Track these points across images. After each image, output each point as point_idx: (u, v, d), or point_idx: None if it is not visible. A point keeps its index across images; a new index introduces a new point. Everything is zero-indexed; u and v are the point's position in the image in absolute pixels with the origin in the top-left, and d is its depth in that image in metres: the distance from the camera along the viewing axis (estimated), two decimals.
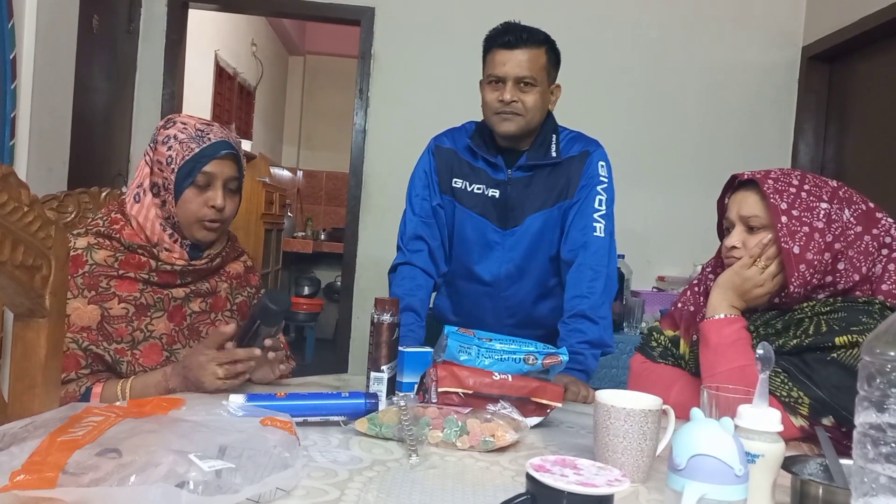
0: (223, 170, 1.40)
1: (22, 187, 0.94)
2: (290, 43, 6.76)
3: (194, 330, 1.44)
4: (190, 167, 1.37)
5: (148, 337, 1.37)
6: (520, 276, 1.83)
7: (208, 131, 1.40)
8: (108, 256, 1.36)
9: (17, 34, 2.34)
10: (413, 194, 1.87)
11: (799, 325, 1.24)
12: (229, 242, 1.53)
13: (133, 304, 1.36)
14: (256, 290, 1.59)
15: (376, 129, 3.54)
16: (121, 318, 1.35)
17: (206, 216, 1.40)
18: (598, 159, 1.79)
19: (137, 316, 1.36)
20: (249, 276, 1.59)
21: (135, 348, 1.35)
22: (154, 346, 1.37)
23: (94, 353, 1.32)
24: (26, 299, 0.98)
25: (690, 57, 3.56)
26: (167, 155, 1.38)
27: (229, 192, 1.43)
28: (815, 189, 1.26)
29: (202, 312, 1.45)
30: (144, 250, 1.38)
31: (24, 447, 0.76)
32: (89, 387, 1.30)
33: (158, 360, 1.37)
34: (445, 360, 1.24)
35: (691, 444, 0.71)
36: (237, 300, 1.53)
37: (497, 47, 1.71)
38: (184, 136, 1.38)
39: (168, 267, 1.39)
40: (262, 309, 1.30)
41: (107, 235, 1.38)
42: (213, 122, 1.45)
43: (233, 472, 0.76)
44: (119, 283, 1.36)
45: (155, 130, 1.43)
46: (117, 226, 1.39)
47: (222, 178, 1.41)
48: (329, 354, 4.11)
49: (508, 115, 1.71)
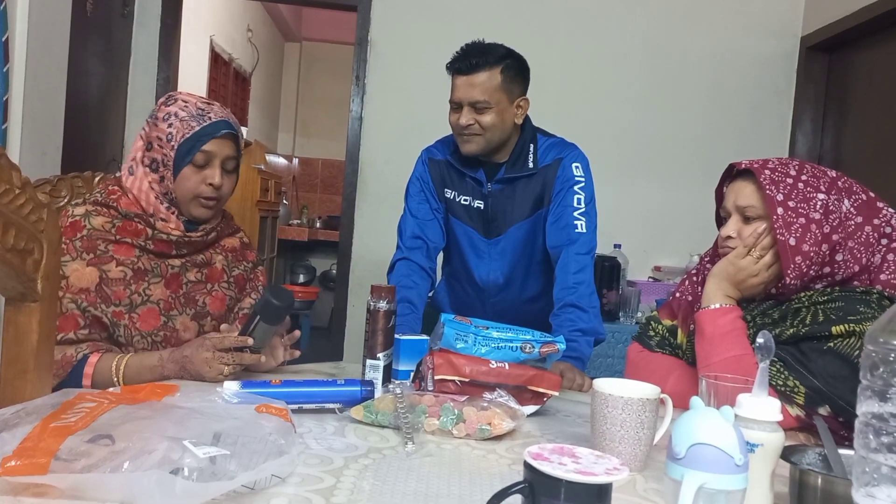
0: (222, 149, 1.42)
1: (13, 169, 0.92)
2: (286, 29, 6.72)
3: (190, 299, 1.45)
4: (190, 145, 1.39)
5: (146, 301, 1.39)
6: (507, 283, 1.91)
7: (209, 110, 1.42)
8: (106, 222, 1.39)
9: (10, 17, 2.31)
10: (410, 199, 1.94)
11: (796, 314, 1.24)
12: (224, 219, 1.55)
13: (131, 269, 1.38)
14: (254, 266, 1.60)
15: (373, 116, 3.51)
16: (119, 280, 1.36)
17: (203, 193, 1.42)
18: (570, 162, 1.83)
19: (135, 280, 1.38)
20: (246, 251, 1.60)
21: (133, 311, 1.37)
22: (152, 311, 1.39)
23: (93, 316, 1.33)
24: (18, 283, 0.97)
25: (689, 46, 3.54)
26: (167, 132, 1.39)
27: (227, 172, 1.45)
28: (813, 180, 1.25)
29: (198, 283, 1.48)
30: (140, 219, 1.40)
31: (16, 433, 0.75)
32: (87, 354, 1.30)
33: (156, 325, 1.39)
34: (442, 347, 1.24)
35: (691, 432, 0.71)
36: (234, 273, 1.55)
37: (454, 72, 1.78)
38: (185, 114, 1.40)
39: (164, 236, 1.41)
40: (264, 305, 1.29)
41: (104, 204, 1.41)
42: (213, 101, 1.47)
43: (227, 458, 0.75)
44: (117, 248, 1.38)
45: (155, 106, 1.45)
46: (114, 196, 1.42)
47: (221, 157, 1.42)
48: (324, 343, 4.11)
49: (467, 136, 1.78)
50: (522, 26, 3.41)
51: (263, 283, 1.62)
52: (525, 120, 1.84)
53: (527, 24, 3.43)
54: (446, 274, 2.06)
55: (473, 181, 1.86)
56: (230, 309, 1.53)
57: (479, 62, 1.73)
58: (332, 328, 3.71)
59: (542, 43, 3.40)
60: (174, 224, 1.43)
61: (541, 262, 1.88)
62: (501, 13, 3.43)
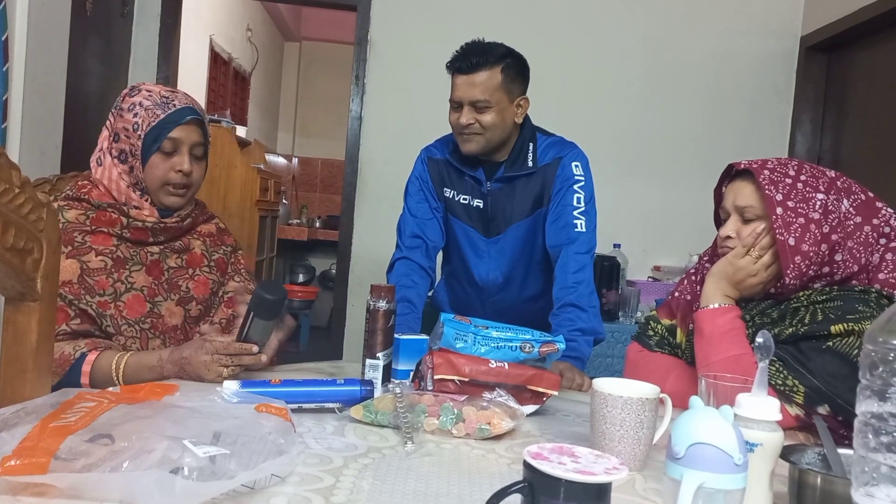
0: (189, 135, 1.43)
1: (13, 168, 0.92)
2: (285, 28, 6.71)
3: (174, 284, 1.46)
4: (156, 133, 1.40)
5: (129, 288, 1.39)
6: (507, 282, 1.91)
7: (173, 98, 1.43)
8: (80, 215, 1.39)
9: (10, 16, 2.31)
10: (409, 198, 1.94)
11: (795, 314, 1.24)
12: (198, 206, 1.56)
13: (110, 258, 1.39)
14: (233, 250, 1.61)
15: (372, 116, 3.51)
16: (100, 270, 1.37)
17: (172, 181, 1.43)
18: (570, 161, 1.83)
19: (116, 268, 1.38)
20: (223, 235, 1.62)
21: (118, 300, 1.37)
22: (137, 298, 1.39)
23: (79, 309, 1.33)
24: (17, 282, 0.97)
25: (688, 46, 3.54)
26: (133, 122, 1.40)
27: (196, 158, 1.46)
28: (812, 180, 1.25)
29: (179, 268, 1.48)
30: (114, 208, 1.41)
31: (16, 433, 0.75)
32: (85, 352, 1.29)
33: (142, 312, 1.39)
34: (442, 347, 1.24)
35: (691, 432, 0.71)
36: (214, 257, 1.56)
37: (454, 72, 1.78)
38: (149, 103, 1.41)
39: (139, 224, 1.42)
40: (256, 300, 1.29)
41: (75, 198, 1.42)
42: (177, 90, 1.48)
43: (227, 458, 0.75)
44: (94, 238, 1.39)
45: (119, 98, 1.45)
46: (85, 189, 1.43)
47: (188, 144, 1.44)
48: (323, 342, 4.11)
49: (468, 135, 1.78)
50: (522, 26, 3.40)
51: (245, 266, 1.63)
52: (525, 119, 1.84)
53: (527, 23, 3.43)
54: (446, 273, 2.06)
55: (473, 180, 1.86)
56: (214, 293, 1.53)
57: (480, 61, 1.73)
58: (332, 328, 3.71)
59: (541, 42, 3.40)
60: (148, 211, 1.44)
61: (540, 261, 1.88)
62: (501, 13, 3.43)
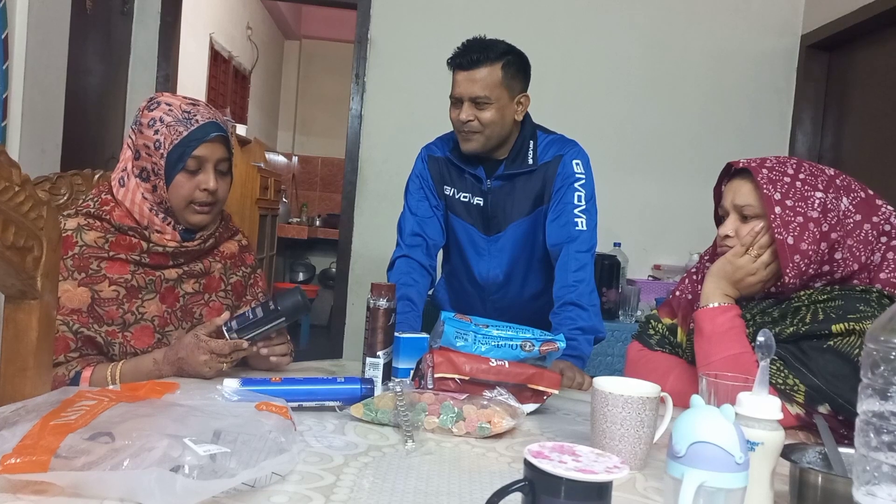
0: (213, 152, 1.37)
1: (13, 167, 0.92)
2: (285, 27, 6.71)
3: (188, 311, 1.42)
4: (179, 152, 1.34)
5: (139, 319, 1.35)
6: (507, 280, 1.91)
7: (195, 112, 1.36)
8: (99, 238, 1.34)
9: (10, 14, 2.31)
10: (410, 196, 1.93)
11: (796, 313, 1.23)
12: (223, 222, 1.50)
13: (124, 287, 1.34)
14: (252, 270, 1.57)
15: (373, 114, 3.51)
16: (111, 300, 1.33)
17: (198, 199, 1.38)
18: (571, 159, 1.82)
19: (128, 298, 1.34)
20: (244, 255, 1.56)
21: (126, 330, 1.34)
22: (146, 329, 1.36)
23: (85, 336, 1.31)
24: (17, 280, 0.97)
25: (688, 44, 3.54)
26: (154, 139, 1.34)
27: (220, 174, 1.40)
28: (811, 178, 1.25)
29: (196, 294, 1.43)
30: (135, 232, 1.36)
31: (16, 431, 0.75)
32: (79, 371, 1.29)
33: (150, 343, 1.36)
34: (442, 345, 1.24)
35: (691, 431, 0.71)
36: (231, 280, 1.51)
37: (455, 68, 1.78)
38: (170, 119, 1.34)
39: (160, 248, 1.37)
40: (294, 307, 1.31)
41: (97, 216, 1.36)
42: (197, 100, 1.41)
43: (228, 456, 0.75)
44: (110, 265, 1.34)
45: (137, 112, 1.38)
46: (107, 207, 1.37)
47: (213, 161, 1.38)
48: (323, 341, 4.11)
49: (467, 134, 1.78)
50: (522, 24, 3.40)
51: (263, 287, 1.59)
52: (525, 117, 1.83)
53: (527, 21, 3.43)
54: (446, 272, 2.06)
55: (473, 178, 1.86)
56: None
57: (481, 58, 1.73)
58: (332, 326, 3.70)
59: (542, 40, 3.39)
60: (170, 235, 1.39)
61: (541, 259, 1.87)
62: (501, 11, 3.43)
